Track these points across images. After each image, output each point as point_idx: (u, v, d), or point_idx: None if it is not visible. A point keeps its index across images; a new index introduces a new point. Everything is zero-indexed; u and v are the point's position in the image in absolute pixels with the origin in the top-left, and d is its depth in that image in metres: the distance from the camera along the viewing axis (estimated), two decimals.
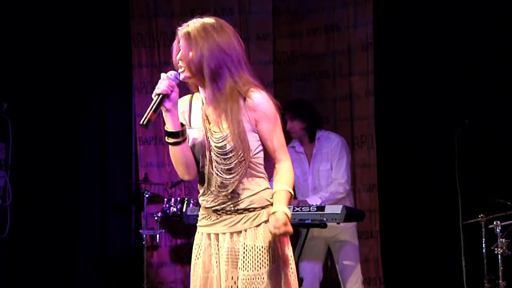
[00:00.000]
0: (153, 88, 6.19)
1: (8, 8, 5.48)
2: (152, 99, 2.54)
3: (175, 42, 2.65)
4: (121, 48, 5.84)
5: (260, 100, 2.56)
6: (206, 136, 2.57)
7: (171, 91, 2.56)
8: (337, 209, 4.43)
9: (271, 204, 2.57)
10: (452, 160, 4.91)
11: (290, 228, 2.48)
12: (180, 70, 2.61)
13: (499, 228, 4.62)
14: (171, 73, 2.59)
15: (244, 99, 2.56)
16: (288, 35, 5.91)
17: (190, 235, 5.74)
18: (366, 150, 5.57)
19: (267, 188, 2.62)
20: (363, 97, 5.62)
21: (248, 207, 2.57)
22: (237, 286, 2.53)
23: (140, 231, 5.44)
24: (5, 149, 5.49)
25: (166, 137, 2.60)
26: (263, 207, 2.58)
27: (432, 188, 5.34)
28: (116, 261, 5.74)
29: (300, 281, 4.69)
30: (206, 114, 2.61)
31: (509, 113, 5.18)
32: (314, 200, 4.85)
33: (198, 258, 2.64)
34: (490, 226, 4.67)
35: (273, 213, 2.50)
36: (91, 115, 5.85)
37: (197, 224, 2.69)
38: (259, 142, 2.60)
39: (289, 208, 4.60)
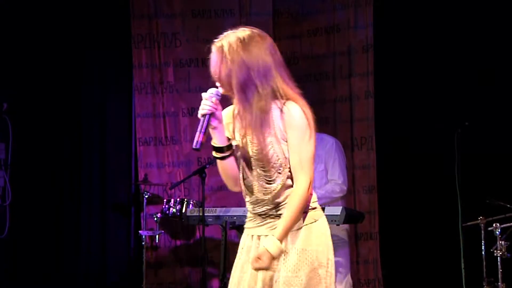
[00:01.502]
0: (153, 88, 6.25)
1: (9, 8, 5.48)
2: (200, 120, 2.57)
3: (211, 55, 2.69)
4: (121, 49, 5.85)
5: (290, 111, 2.55)
6: (245, 147, 2.60)
7: (215, 109, 2.59)
8: (337, 210, 4.43)
9: (313, 208, 2.62)
10: (452, 162, 4.91)
11: (261, 265, 2.50)
12: (217, 84, 2.65)
13: (499, 230, 4.62)
14: (211, 91, 2.62)
15: (281, 110, 2.55)
16: (288, 36, 5.91)
17: (190, 236, 5.75)
18: (366, 152, 5.58)
19: (310, 194, 2.63)
20: (363, 99, 5.62)
21: None
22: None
23: (139, 231, 5.43)
24: (5, 149, 5.49)
25: (213, 152, 2.63)
26: (303, 213, 2.60)
27: (431, 190, 5.34)
28: (115, 261, 5.74)
29: None
30: (242, 126, 2.63)
31: (509, 114, 5.18)
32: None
33: (239, 258, 2.72)
34: (490, 228, 4.67)
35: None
36: (91, 116, 5.85)
37: (244, 226, 2.73)
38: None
39: None
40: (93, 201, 5.76)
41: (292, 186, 2.58)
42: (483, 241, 4.73)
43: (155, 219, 5.36)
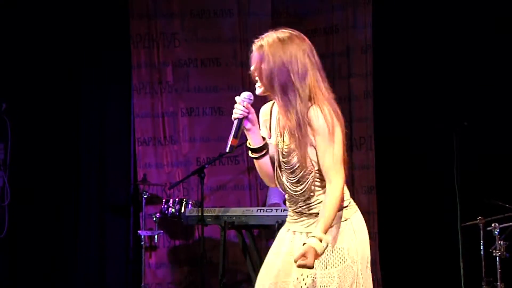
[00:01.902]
0: (152, 88, 6.24)
1: (7, 8, 5.48)
2: (233, 123, 2.64)
3: (252, 54, 2.70)
4: (120, 48, 5.84)
5: (314, 116, 2.59)
6: (278, 147, 2.67)
7: (248, 113, 2.65)
8: None
9: (345, 206, 2.66)
10: (451, 162, 4.91)
11: (306, 262, 2.50)
12: (257, 85, 2.66)
13: (497, 230, 4.62)
14: (244, 95, 2.66)
15: (307, 115, 2.60)
16: None
17: (188, 236, 5.74)
18: (365, 152, 5.58)
19: None
20: (362, 99, 5.62)
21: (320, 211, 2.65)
22: (305, 283, 2.63)
23: (138, 231, 5.43)
24: (3, 149, 5.49)
25: (249, 152, 2.72)
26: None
27: (430, 190, 5.34)
28: (114, 261, 5.73)
29: None
30: (279, 126, 2.68)
31: (507, 114, 5.19)
32: None
33: (274, 248, 2.76)
34: (489, 228, 4.67)
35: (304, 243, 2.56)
36: (90, 116, 5.84)
37: (286, 219, 2.80)
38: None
39: (287, 209, 4.65)
40: (92, 201, 5.75)
41: (319, 188, 2.64)
42: (482, 241, 4.73)
43: (154, 219, 5.36)
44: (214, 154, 5.42)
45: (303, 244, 2.54)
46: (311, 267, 2.51)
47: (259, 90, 2.66)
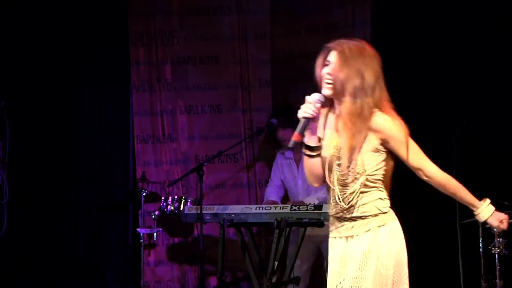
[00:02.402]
0: (151, 86, 6.23)
1: (6, 7, 5.47)
2: (299, 121, 2.75)
3: (321, 56, 2.84)
4: (119, 46, 5.83)
5: (384, 122, 2.74)
6: (331, 149, 2.78)
7: (317, 114, 2.77)
8: None
9: (384, 212, 2.80)
10: (450, 160, 4.91)
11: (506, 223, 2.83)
12: (327, 86, 2.77)
13: None
14: (316, 96, 2.78)
15: (370, 121, 2.73)
16: (285, 34, 5.91)
17: (187, 233, 5.74)
18: None
19: (380, 198, 2.81)
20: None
21: (361, 215, 2.77)
22: (342, 286, 2.75)
23: (137, 229, 5.43)
24: (2, 147, 5.48)
25: (303, 149, 2.82)
26: (373, 215, 2.78)
27: (428, 188, 5.33)
28: (113, 259, 5.73)
29: (297, 279, 4.70)
30: (337, 129, 2.79)
31: (507, 113, 5.19)
32: (312, 201, 4.87)
33: (330, 262, 2.87)
34: (487, 226, 4.67)
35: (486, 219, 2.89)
36: (89, 114, 5.83)
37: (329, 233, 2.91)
38: (380, 161, 2.80)
39: (286, 207, 4.64)
40: (91, 199, 5.75)
41: (367, 189, 2.75)
42: (481, 238, 4.74)
43: (153, 217, 5.36)
44: (213, 152, 5.41)
45: (492, 214, 2.85)
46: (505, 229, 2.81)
47: (328, 91, 2.77)
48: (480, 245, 4.74)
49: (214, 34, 5.87)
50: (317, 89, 2.87)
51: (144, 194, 5.40)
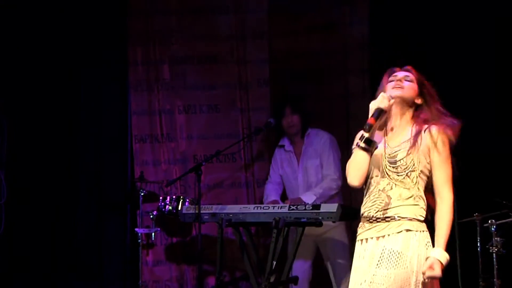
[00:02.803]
0: (149, 86, 6.22)
1: (5, 6, 5.46)
2: (372, 110, 3.00)
3: (391, 74, 3.15)
4: (117, 46, 5.83)
5: (437, 131, 2.94)
6: (384, 149, 2.96)
7: (388, 109, 3.00)
8: (333, 207, 4.44)
9: (421, 221, 2.90)
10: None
11: (434, 273, 2.80)
12: (398, 88, 3.03)
13: (494, 226, 4.64)
14: (389, 92, 3.02)
15: (429, 129, 2.95)
16: (284, 33, 5.91)
17: (186, 233, 5.74)
18: None
19: (416, 205, 2.89)
20: (359, 96, 5.62)
21: (394, 215, 2.88)
22: (365, 281, 2.84)
23: (135, 229, 5.43)
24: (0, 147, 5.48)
25: (360, 140, 3.00)
26: (408, 219, 2.88)
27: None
28: (111, 259, 5.73)
29: (295, 279, 4.70)
30: (386, 132, 3.03)
31: (504, 112, 5.19)
32: (309, 197, 4.87)
33: (354, 263, 2.98)
34: (485, 225, 4.68)
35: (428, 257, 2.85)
36: (88, 113, 5.83)
37: (357, 236, 3.03)
38: (426, 169, 2.93)
39: (285, 206, 4.65)
40: (89, 199, 5.75)
41: (408, 191, 2.88)
42: (478, 238, 4.74)
43: (151, 216, 5.36)
44: (211, 152, 5.41)
45: (427, 258, 2.77)
46: (439, 276, 2.81)
47: (398, 93, 3.01)
48: (478, 244, 4.74)
49: (212, 34, 5.87)
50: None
51: (142, 194, 5.40)
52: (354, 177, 2.99)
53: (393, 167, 2.89)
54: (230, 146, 5.37)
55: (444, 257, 2.82)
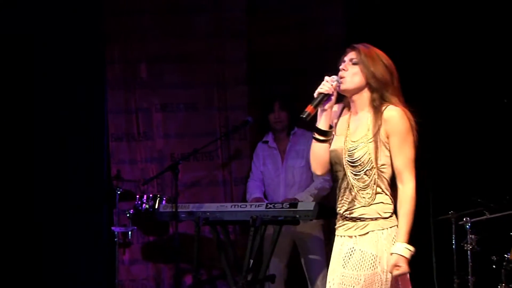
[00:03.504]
0: (126, 84, 6.18)
1: None
2: (314, 97, 2.86)
3: (343, 58, 2.93)
4: (93, 44, 5.78)
5: (393, 114, 2.78)
6: (344, 143, 2.84)
7: (332, 93, 2.86)
8: (310, 206, 4.46)
9: (382, 218, 2.78)
10: (422, 157, 4.95)
11: (401, 270, 2.69)
12: (341, 80, 2.87)
13: (469, 224, 4.69)
14: (333, 77, 2.87)
15: (383, 114, 2.79)
16: (262, 32, 5.92)
17: (163, 232, 5.73)
18: None
19: (382, 202, 2.79)
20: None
21: (359, 216, 2.79)
22: (334, 283, 2.79)
23: (112, 228, 5.40)
24: None
25: (314, 133, 2.90)
26: (372, 219, 2.78)
27: None
28: (87, 258, 5.69)
29: (272, 277, 4.71)
30: (349, 123, 2.88)
31: (479, 110, 5.25)
32: (306, 197, 4.86)
33: (333, 257, 2.91)
34: (460, 223, 4.73)
35: (391, 253, 2.74)
36: (63, 112, 5.77)
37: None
38: (388, 158, 2.79)
39: (262, 204, 4.64)
40: (64, 198, 5.69)
41: (371, 188, 2.77)
42: (453, 235, 4.79)
43: (128, 215, 5.33)
44: (188, 150, 5.40)
45: (391, 254, 2.69)
46: (407, 272, 2.70)
47: (344, 86, 2.85)
48: (453, 242, 4.79)
49: (190, 32, 5.85)
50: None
51: (118, 192, 5.37)
52: (315, 167, 2.93)
53: (352, 165, 2.79)
54: (208, 144, 5.37)
55: (407, 251, 2.70)
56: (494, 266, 4.56)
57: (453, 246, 4.79)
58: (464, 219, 4.70)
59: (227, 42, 5.84)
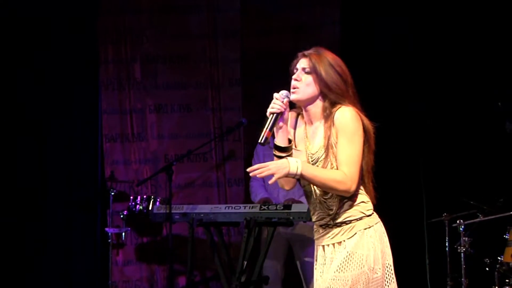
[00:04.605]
0: (120, 85, 6.17)
1: None
2: (267, 118, 2.75)
3: (295, 64, 2.87)
4: (87, 44, 5.77)
5: (342, 114, 2.71)
6: (306, 155, 2.78)
7: (284, 110, 2.78)
8: (304, 207, 4.45)
9: (368, 215, 2.78)
10: (416, 159, 4.96)
11: (272, 171, 2.60)
12: (293, 91, 2.80)
13: (462, 226, 4.70)
14: (282, 93, 2.80)
15: (333, 118, 2.73)
16: (256, 33, 5.92)
17: (156, 233, 5.72)
18: None
19: (363, 202, 2.78)
20: None
21: (345, 220, 2.76)
22: (319, 285, 2.78)
23: (105, 229, 5.39)
24: None
25: (274, 150, 2.80)
26: (357, 219, 2.76)
27: (396, 187, 5.39)
28: (81, 259, 5.67)
29: (266, 279, 4.70)
30: (306, 134, 2.81)
31: (471, 113, 5.26)
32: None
33: (316, 269, 2.88)
34: (454, 225, 4.74)
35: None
36: (57, 112, 5.76)
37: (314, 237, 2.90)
38: None
39: (256, 206, 4.62)
40: (59, 199, 5.67)
41: (348, 198, 2.73)
42: (447, 238, 4.80)
43: (122, 216, 5.32)
44: (182, 151, 5.39)
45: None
46: (276, 175, 2.59)
47: (296, 96, 2.78)
48: (447, 244, 4.80)
49: (184, 33, 5.84)
50: (287, 87, 2.89)
51: (112, 193, 5.35)
52: (282, 183, 2.86)
53: None
54: (202, 145, 5.36)
55: (295, 165, 2.60)
56: (487, 269, 4.57)
57: (447, 248, 4.79)
58: (458, 222, 4.70)
59: (221, 42, 5.84)
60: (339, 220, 2.75)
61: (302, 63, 2.83)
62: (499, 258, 4.49)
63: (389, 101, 5.46)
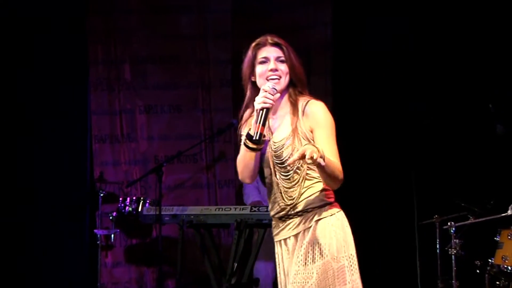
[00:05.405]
0: (109, 85, 6.12)
1: None
2: (258, 114, 2.67)
3: (260, 52, 2.91)
4: (76, 44, 5.73)
5: (317, 109, 2.73)
6: (270, 146, 2.75)
7: (273, 103, 2.72)
8: None
9: (329, 204, 2.73)
10: (408, 161, 4.96)
11: (310, 153, 2.49)
12: (276, 81, 2.75)
13: (453, 229, 4.70)
14: (269, 85, 2.73)
15: (304, 109, 2.73)
16: (247, 33, 5.89)
17: (146, 235, 5.68)
18: None
19: (323, 189, 2.73)
20: (322, 97, 5.62)
21: (306, 208, 2.71)
22: (292, 282, 2.69)
23: (94, 230, 5.35)
24: None
25: (246, 141, 2.71)
26: (318, 207, 2.71)
27: (387, 189, 5.39)
28: (70, 260, 5.64)
29: (256, 281, 4.69)
30: (269, 125, 2.78)
31: (464, 114, 5.27)
32: None
33: (279, 266, 2.83)
34: (445, 227, 4.74)
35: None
36: (46, 113, 5.71)
37: (273, 237, 2.85)
38: None
39: (247, 207, 4.60)
40: (47, 200, 5.63)
41: (309, 181, 2.69)
42: (438, 240, 4.80)
43: (111, 217, 5.28)
44: (173, 152, 5.36)
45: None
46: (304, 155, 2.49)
47: (279, 87, 2.73)
48: (437, 246, 4.80)
49: (175, 33, 5.82)
50: None
51: (101, 194, 5.32)
52: (246, 176, 2.78)
53: (281, 166, 2.71)
54: (192, 147, 5.34)
55: (318, 151, 2.51)
56: (478, 271, 4.57)
57: (437, 250, 4.79)
58: (449, 224, 4.70)
59: (212, 43, 5.81)
60: (299, 209, 2.71)
61: (275, 52, 2.84)
62: (489, 260, 4.49)
63: (380, 101, 5.46)
